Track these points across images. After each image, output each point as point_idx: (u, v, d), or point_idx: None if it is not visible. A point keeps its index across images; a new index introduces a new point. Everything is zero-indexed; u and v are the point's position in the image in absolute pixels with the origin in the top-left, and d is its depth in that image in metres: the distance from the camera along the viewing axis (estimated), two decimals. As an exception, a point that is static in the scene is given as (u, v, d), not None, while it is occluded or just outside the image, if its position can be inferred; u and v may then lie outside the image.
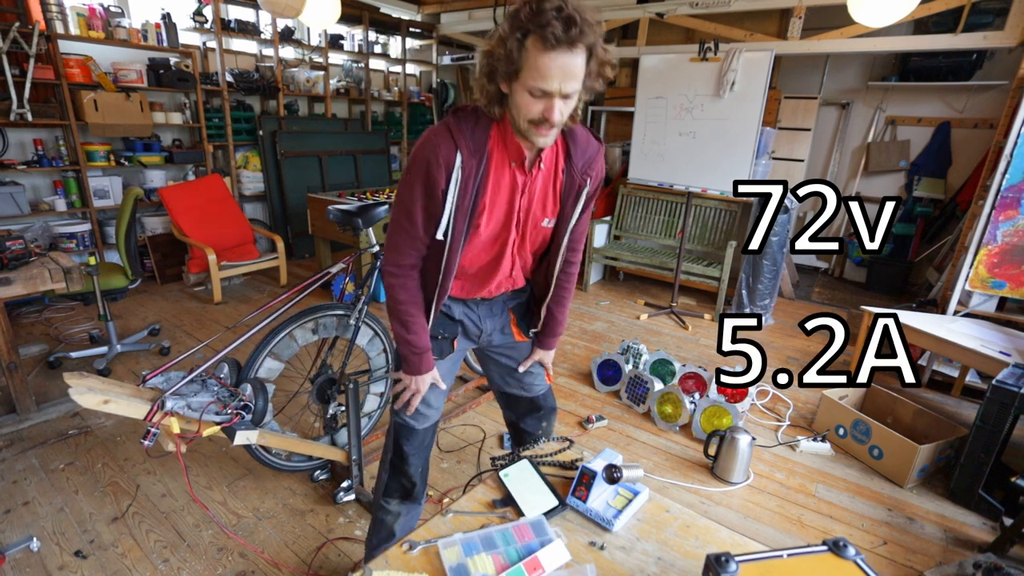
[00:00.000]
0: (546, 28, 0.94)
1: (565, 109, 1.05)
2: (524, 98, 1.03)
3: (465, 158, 1.10)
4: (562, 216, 1.26)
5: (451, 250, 1.17)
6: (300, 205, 5.00)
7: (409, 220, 1.17)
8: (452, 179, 1.10)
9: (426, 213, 1.15)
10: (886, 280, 4.68)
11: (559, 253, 1.31)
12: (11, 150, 3.62)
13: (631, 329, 3.82)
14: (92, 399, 1.38)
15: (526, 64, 0.99)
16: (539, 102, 1.03)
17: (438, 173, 1.10)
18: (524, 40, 0.98)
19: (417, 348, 1.27)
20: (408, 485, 1.44)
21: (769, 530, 1.95)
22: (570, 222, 1.27)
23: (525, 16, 0.97)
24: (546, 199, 1.23)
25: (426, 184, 1.11)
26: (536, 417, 1.60)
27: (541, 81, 0.99)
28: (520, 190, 1.19)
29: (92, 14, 3.68)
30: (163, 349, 3.12)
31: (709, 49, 3.48)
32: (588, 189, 1.24)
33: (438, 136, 1.10)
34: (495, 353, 1.51)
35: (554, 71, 0.98)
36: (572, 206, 1.25)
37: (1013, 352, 2.35)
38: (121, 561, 1.72)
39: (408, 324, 1.25)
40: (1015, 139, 2.71)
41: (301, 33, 5.25)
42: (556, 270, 1.33)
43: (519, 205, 1.21)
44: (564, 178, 1.22)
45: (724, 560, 0.82)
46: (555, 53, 0.97)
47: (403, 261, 1.21)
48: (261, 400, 1.66)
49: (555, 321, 1.45)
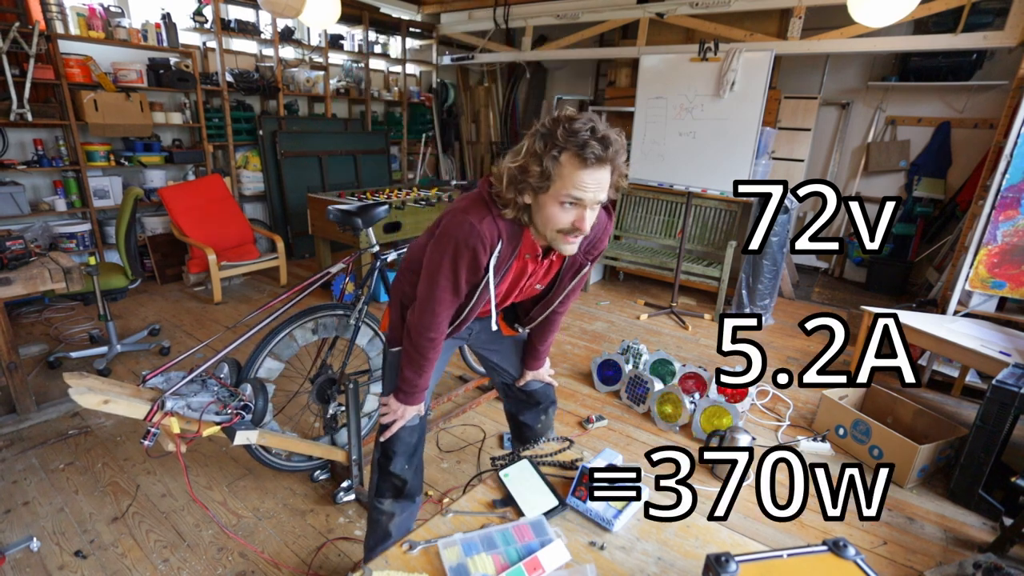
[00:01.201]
0: (585, 148, 1.03)
1: (592, 217, 1.13)
2: (554, 209, 1.11)
3: (504, 243, 1.18)
4: (556, 285, 1.37)
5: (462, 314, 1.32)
6: (300, 205, 4.99)
7: (454, 293, 1.24)
8: (492, 259, 1.18)
9: (469, 285, 1.24)
10: (886, 280, 4.68)
11: (550, 306, 1.42)
12: (11, 150, 3.62)
13: (631, 329, 3.82)
14: (92, 399, 1.38)
15: (559, 178, 1.07)
16: (570, 212, 1.10)
17: (483, 256, 1.17)
18: (560, 156, 1.06)
19: (421, 387, 1.37)
20: (398, 483, 1.46)
21: (769, 530, 1.95)
22: (564, 291, 1.39)
23: (561, 136, 1.05)
24: (545, 274, 1.34)
25: (471, 265, 1.18)
26: (536, 411, 1.66)
27: (577, 192, 1.07)
28: (529, 274, 1.30)
29: (92, 14, 3.68)
30: (163, 349, 3.12)
31: (709, 49, 3.48)
32: (587, 267, 1.35)
33: (484, 226, 1.15)
34: (488, 349, 1.60)
35: (590, 185, 1.07)
36: (569, 279, 1.36)
37: (1013, 352, 2.35)
38: (121, 561, 1.72)
39: (423, 372, 1.35)
40: (1015, 139, 2.71)
41: (301, 33, 5.25)
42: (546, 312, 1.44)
43: (523, 284, 1.33)
44: (565, 259, 1.32)
45: (724, 560, 0.82)
46: (591, 169, 1.06)
47: (442, 326, 1.29)
48: (261, 400, 1.66)
49: (537, 353, 1.58)
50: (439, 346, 1.33)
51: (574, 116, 1.07)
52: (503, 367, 1.62)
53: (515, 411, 1.69)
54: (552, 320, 1.49)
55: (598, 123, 1.06)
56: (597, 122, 1.06)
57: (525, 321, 1.49)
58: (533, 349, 1.56)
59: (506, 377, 1.64)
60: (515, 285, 1.33)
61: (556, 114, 1.09)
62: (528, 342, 1.57)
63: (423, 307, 1.27)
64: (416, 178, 6.37)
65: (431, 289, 1.24)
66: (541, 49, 5.30)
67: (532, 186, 1.10)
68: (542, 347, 1.56)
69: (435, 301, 1.24)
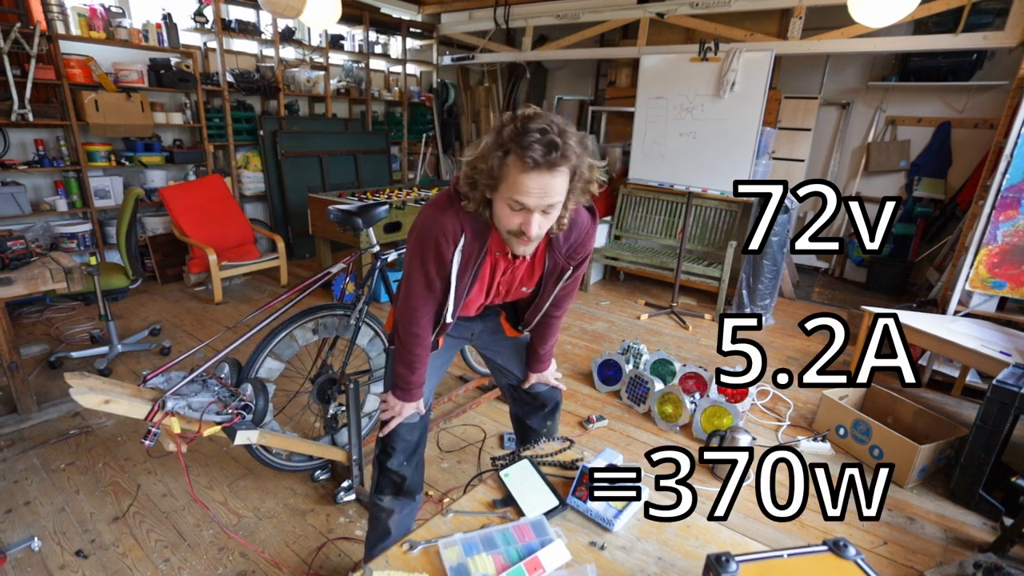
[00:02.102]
0: (527, 151, 0.97)
1: (545, 223, 1.08)
2: (503, 210, 1.07)
3: (469, 239, 1.16)
4: (542, 289, 1.35)
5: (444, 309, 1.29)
6: (300, 205, 5.00)
7: (429, 288, 1.23)
8: (456, 252, 1.16)
9: (440, 278, 1.22)
10: (886, 280, 4.68)
11: (541, 310, 1.41)
12: (12, 150, 3.62)
13: (631, 329, 3.82)
14: (93, 399, 1.38)
15: (505, 179, 1.03)
16: (517, 215, 1.06)
17: (447, 249, 1.16)
18: (506, 158, 1.01)
19: (416, 383, 1.37)
20: (397, 480, 1.46)
21: (769, 530, 1.95)
22: (551, 294, 1.36)
23: (508, 135, 1.00)
24: (529, 276, 1.32)
25: (437, 258, 1.17)
26: (541, 414, 1.65)
27: (519, 196, 1.02)
28: (502, 271, 1.28)
29: (93, 14, 3.68)
30: (164, 349, 3.12)
31: (709, 49, 3.48)
32: (570, 272, 1.32)
33: (445, 216, 1.15)
34: (493, 350, 1.59)
35: (533, 190, 1.01)
36: (553, 284, 1.34)
37: (1013, 352, 2.35)
38: (122, 561, 1.72)
39: (415, 368, 1.34)
40: (1015, 139, 2.71)
41: (302, 33, 5.25)
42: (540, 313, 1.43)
43: (498, 280, 1.30)
44: (546, 263, 1.28)
45: (724, 560, 0.82)
46: (534, 174, 0.99)
47: (423, 322, 1.29)
48: (262, 400, 1.66)
49: (539, 356, 1.56)
50: (424, 343, 1.32)
51: (532, 116, 1.00)
52: (507, 368, 1.61)
53: (521, 415, 1.68)
54: (548, 324, 1.49)
55: (555, 126, 0.99)
56: (555, 124, 0.99)
57: (523, 323, 1.49)
58: (534, 352, 1.56)
59: (511, 378, 1.63)
60: (491, 283, 1.31)
61: (520, 111, 1.03)
62: (529, 344, 1.57)
63: (403, 302, 1.29)
64: (416, 178, 6.37)
65: (406, 284, 1.26)
66: (541, 49, 5.30)
67: (482, 184, 1.07)
68: (542, 350, 1.55)
69: (411, 295, 1.25)
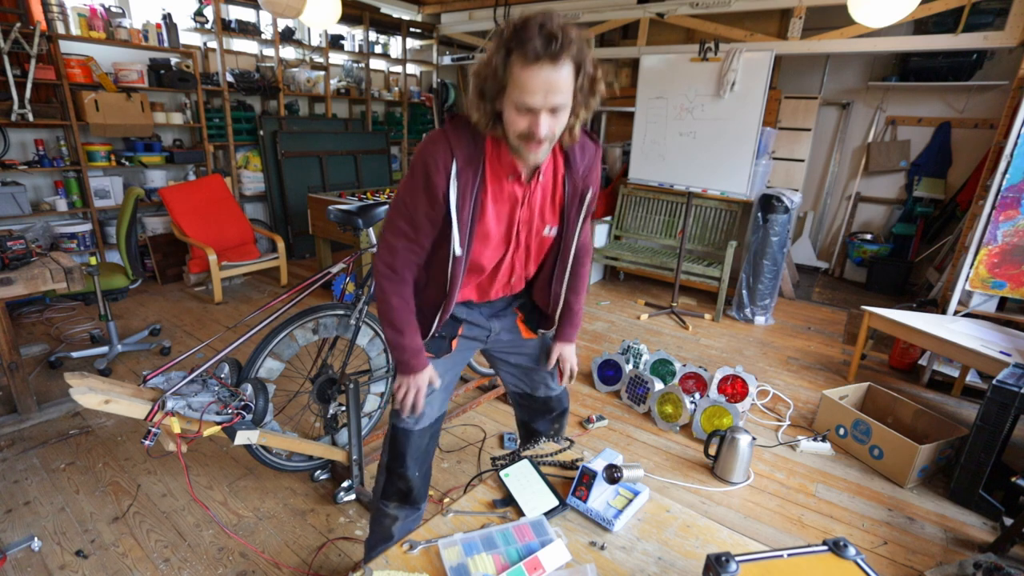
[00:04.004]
0: (527, 44, 0.95)
1: (554, 124, 1.05)
2: (511, 114, 1.04)
3: (461, 166, 1.11)
4: (567, 224, 1.26)
5: (456, 262, 1.17)
6: (300, 205, 5.00)
7: (411, 225, 1.17)
8: (451, 185, 1.10)
9: (428, 219, 1.15)
10: (886, 280, 4.68)
11: (568, 260, 1.31)
12: (12, 150, 3.62)
13: (631, 329, 3.82)
14: (93, 399, 1.39)
15: (511, 81, 1.00)
16: (525, 117, 1.03)
17: (438, 178, 1.10)
18: (508, 57, 0.99)
19: (411, 349, 1.26)
20: (405, 489, 1.43)
21: (769, 530, 1.95)
22: (576, 228, 1.27)
23: (508, 34, 0.98)
24: (545, 209, 1.24)
25: (427, 189, 1.12)
26: (548, 419, 1.60)
27: (525, 96, 1.00)
28: (520, 202, 1.19)
29: (93, 14, 3.68)
30: (164, 349, 3.12)
31: (709, 49, 3.48)
32: (589, 195, 1.25)
33: (435, 143, 1.11)
34: (505, 353, 1.51)
35: (537, 85, 0.98)
36: (576, 213, 1.26)
37: (1013, 352, 2.35)
38: (122, 561, 1.72)
39: (401, 328, 1.24)
40: (1015, 139, 2.71)
41: (302, 33, 5.25)
42: (566, 275, 1.33)
43: (519, 217, 1.21)
44: (566, 187, 1.22)
45: (724, 560, 0.82)
46: (537, 67, 0.97)
47: (398, 265, 1.21)
48: (262, 400, 1.66)
49: (571, 311, 1.44)
50: (403, 293, 1.23)
51: (533, 15, 0.99)
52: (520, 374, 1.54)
53: (528, 419, 1.63)
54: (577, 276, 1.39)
55: (553, 19, 0.97)
56: (553, 17, 0.97)
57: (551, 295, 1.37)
58: (567, 307, 1.41)
59: (522, 386, 1.56)
60: (512, 221, 1.21)
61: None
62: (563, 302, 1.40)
63: (382, 244, 1.22)
64: (416, 178, 6.36)
65: (388, 220, 1.20)
66: (541, 49, 5.29)
67: (490, 90, 1.04)
68: (575, 303, 1.43)
69: (392, 233, 1.19)
